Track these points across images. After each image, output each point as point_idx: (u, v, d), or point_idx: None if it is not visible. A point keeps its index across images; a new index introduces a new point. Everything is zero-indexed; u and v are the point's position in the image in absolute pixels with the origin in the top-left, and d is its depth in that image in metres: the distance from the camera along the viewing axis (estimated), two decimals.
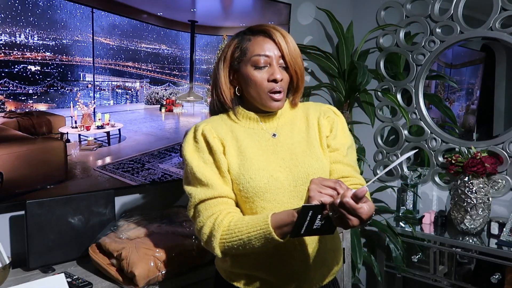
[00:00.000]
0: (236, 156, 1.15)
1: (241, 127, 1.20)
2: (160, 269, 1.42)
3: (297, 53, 1.15)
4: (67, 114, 1.64)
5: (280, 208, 1.12)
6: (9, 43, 1.46)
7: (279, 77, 1.12)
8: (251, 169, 1.13)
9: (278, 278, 1.16)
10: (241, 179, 1.13)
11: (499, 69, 2.56)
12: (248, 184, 1.12)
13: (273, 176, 1.13)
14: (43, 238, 1.51)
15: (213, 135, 1.16)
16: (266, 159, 1.16)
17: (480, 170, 2.11)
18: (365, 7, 2.75)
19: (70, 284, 1.33)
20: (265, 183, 1.12)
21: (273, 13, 2.25)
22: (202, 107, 2.06)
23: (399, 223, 2.43)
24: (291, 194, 1.14)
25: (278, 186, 1.13)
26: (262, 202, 1.13)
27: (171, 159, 1.95)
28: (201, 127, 1.17)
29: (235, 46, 1.19)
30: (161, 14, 1.84)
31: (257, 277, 1.17)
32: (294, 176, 1.14)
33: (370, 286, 2.79)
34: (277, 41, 1.13)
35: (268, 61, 1.13)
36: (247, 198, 1.14)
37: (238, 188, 1.14)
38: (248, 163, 1.14)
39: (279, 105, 1.16)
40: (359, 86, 2.18)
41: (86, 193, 1.64)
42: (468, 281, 2.14)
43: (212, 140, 1.15)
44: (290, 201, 1.14)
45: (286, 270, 1.16)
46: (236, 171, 1.14)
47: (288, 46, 1.13)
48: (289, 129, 1.21)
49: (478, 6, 2.32)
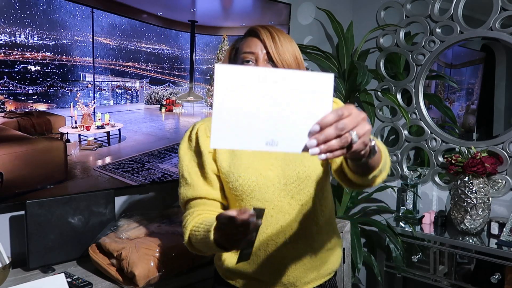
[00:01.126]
0: (228, 155, 1.18)
1: None
2: (160, 269, 1.42)
3: (285, 50, 1.15)
4: (67, 114, 1.64)
5: (270, 206, 1.14)
6: (9, 43, 1.46)
7: None
8: (240, 168, 1.15)
9: (270, 277, 1.17)
10: (230, 177, 1.15)
11: (499, 69, 2.56)
12: (237, 182, 1.14)
13: (262, 174, 1.15)
14: (43, 238, 1.51)
15: (207, 134, 1.19)
16: (257, 158, 1.17)
17: (480, 170, 2.11)
18: (365, 7, 2.75)
19: (70, 284, 1.33)
20: (254, 181, 1.14)
21: (273, 13, 2.25)
22: (202, 107, 2.06)
23: (399, 223, 2.43)
24: (281, 193, 1.15)
25: (268, 185, 1.14)
26: (251, 200, 1.15)
27: (171, 159, 1.95)
28: (197, 126, 1.21)
29: (232, 48, 1.23)
30: (161, 14, 1.84)
31: (250, 276, 1.19)
32: (285, 175, 1.15)
33: (370, 286, 2.79)
34: (262, 38, 1.14)
35: (254, 57, 1.15)
36: (236, 196, 1.16)
37: (228, 187, 1.17)
38: (238, 162, 1.16)
39: None
40: (359, 86, 2.18)
41: (86, 193, 1.64)
42: (468, 281, 2.14)
43: (203, 140, 1.18)
44: (280, 200, 1.15)
45: (279, 269, 1.17)
46: (226, 169, 1.16)
47: (274, 43, 1.14)
48: None
49: (478, 6, 2.32)
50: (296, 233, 1.16)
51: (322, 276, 1.22)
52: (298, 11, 2.50)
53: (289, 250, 1.16)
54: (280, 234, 1.15)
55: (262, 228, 1.15)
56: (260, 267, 1.17)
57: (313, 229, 1.18)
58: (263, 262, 1.16)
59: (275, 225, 1.15)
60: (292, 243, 1.16)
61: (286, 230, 1.15)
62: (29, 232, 1.48)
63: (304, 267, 1.18)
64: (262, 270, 1.17)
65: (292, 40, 1.19)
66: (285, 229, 1.15)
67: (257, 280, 1.19)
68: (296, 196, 1.15)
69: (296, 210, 1.16)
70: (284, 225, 1.15)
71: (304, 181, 1.15)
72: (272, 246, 1.15)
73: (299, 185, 1.15)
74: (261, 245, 1.16)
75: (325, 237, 1.22)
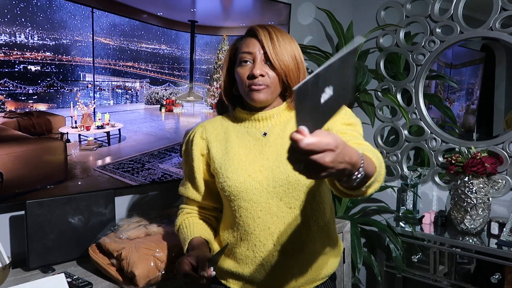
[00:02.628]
0: (221, 156, 1.21)
1: (235, 126, 1.25)
2: (160, 269, 1.42)
3: (284, 50, 1.15)
4: (67, 114, 1.64)
5: (257, 208, 1.15)
6: (9, 43, 1.46)
7: (257, 73, 1.13)
8: (230, 169, 1.17)
9: (258, 278, 1.18)
10: (220, 177, 1.19)
11: (499, 69, 2.56)
12: (225, 182, 1.18)
13: (251, 176, 1.16)
14: (43, 238, 1.51)
15: (203, 136, 1.25)
16: (249, 159, 1.18)
17: (480, 170, 2.11)
18: (365, 7, 2.75)
19: (70, 284, 1.33)
20: (241, 182, 1.15)
21: (273, 13, 2.25)
22: (202, 107, 2.06)
23: (399, 223, 2.43)
24: (270, 195, 1.15)
25: (255, 186, 1.15)
26: (239, 201, 1.17)
27: (171, 159, 1.95)
28: (196, 128, 1.28)
29: (232, 47, 1.24)
30: (161, 14, 1.84)
31: (240, 276, 1.20)
32: (275, 177, 1.15)
33: (370, 286, 2.79)
34: (260, 38, 1.15)
35: (251, 57, 1.15)
36: (225, 196, 1.20)
37: (218, 187, 1.21)
38: (228, 163, 1.18)
39: (259, 98, 1.16)
40: (359, 86, 2.18)
41: (86, 193, 1.64)
42: (468, 281, 2.14)
43: (197, 142, 1.25)
44: (268, 202, 1.15)
45: (266, 271, 1.17)
46: (218, 170, 1.20)
47: (272, 43, 1.14)
48: (281, 129, 1.21)
49: (478, 6, 2.32)
50: (284, 236, 1.16)
51: (313, 281, 1.21)
52: (298, 11, 2.50)
53: (277, 252, 1.16)
54: (268, 236, 1.16)
55: (250, 229, 1.16)
56: (248, 267, 1.18)
57: (303, 234, 1.17)
58: (250, 262, 1.18)
59: (263, 227, 1.16)
60: (279, 245, 1.16)
61: (274, 232, 1.15)
62: (29, 232, 1.48)
63: (292, 270, 1.17)
64: (250, 270, 1.18)
65: (292, 40, 1.19)
66: (273, 231, 1.15)
67: (245, 280, 1.20)
68: (284, 199, 1.15)
69: (285, 213, 1.16)
70: (272, 227, 1.16)
71: (294, 185, 1.14)
72: (259, 247, 1.16)
73: (288, 188, 1.14)
74: (249, 246, 1.17)
75: (317, 243, 1.20)
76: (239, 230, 1.19)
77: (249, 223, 1.16)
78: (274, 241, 1.16)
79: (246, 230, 1.17)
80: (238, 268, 1.20)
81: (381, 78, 2.63)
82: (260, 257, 1.16)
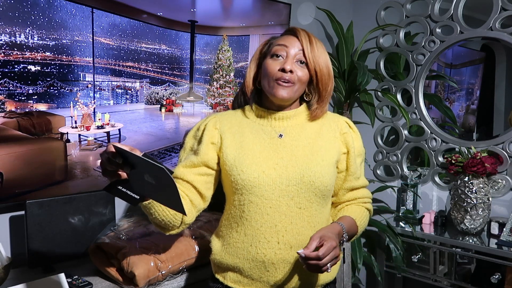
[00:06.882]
0: (234, 149, 1.20)
1: (250, 122, 1.25)
2: (160, 269, 1.42)
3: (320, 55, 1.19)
4: (67, 114, 1.64)
5: (268, 205, 1.15)
6: (9, 43, 1.46)
7: (288, 68, 1.15)
8: (244, 163, 1.17)
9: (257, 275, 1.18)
10: (233, 170, 1.18)
11: (499, 69, 2.56)
12: (239, 176, 1.17)
13: (265, 172, 1.16)
14: (43, 238, 1.51)
15: (216, 126, 1.24)
16: (263, 156, 1.18)
17: (480, 170, 2.11)
18: (365, 7, 2.75)
19: (70, 284, 1.33)
20: (255, 177, 1.16)
21: (273, 13, 2.25)
22: (202, 107, 2.06)
23: (399, 223, 2.43)
24: (282, 193, 1.16)
25: (269, 183, 1.15)
26: (250, 196, 1.16)
27: (171, 159, 1.95)
28: (209, 118, 1.26)
29: (265, 44, 1.26)
30: (161, 14, 1.84)
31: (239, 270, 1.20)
32: (288, 176, 1.16)
33: (370, 286, 2.79)
34: (299, 37, 1.19)
35: (285, 52, 1.18)
36: (236, 189, 1.18)
37: (230, 179, 1.19)
38: (243, 157, 1.18)
39: (282, 94, 1.17)
40: (359, 86, 2.18)
41: (86, 193, 1.64)
42: (468, 281, 2.13)
43: (210, 130, 1.23)
44: (279, 200, 1.16)
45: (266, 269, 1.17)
46: (231, 163, 1.19)
47: (310, 44, 1.18)
48: (297, 132, 1.22)
49: (478, 6, 2.32)
50: (290, 236, 1.16)
51: (312, 285, 1.22)
52: (298, 11, 2.50)
53: (280, 251, 1.16)
54: (274, 233, 1.16)
55: (257, 225, 1.16)
56: (249, 263, 1.18)
57: (308, 235, 1.16)
58: (252, 258, 1.17)
59: (270, 224, 1.16)
60: (284, 245, 1.16)
61: (280, 230, 1.16)
62: (29, 232, 1.48)
63: (292, 272, 1.17)
64: (251, 266, 1.18)
65: (326, 50, 1.23)
66: (279, 229, 1.16)
67: (243, 275, 1.20)
68: (295, 199, 1.16)
69: (294, 213, 1.16)
70: (278, 225, 1.16)
71: (307, 185, 1.15)
72: (263, 243, 1.16)
73: (301, 188, 1.15)
74: (252, 241, 1.17)
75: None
76: (244, 224, 1.18)
77: (257, 218, 1.16)
78: (279, 239, 1.16)
79: (252, 225, 1.17)
80: (238, 264, 1.19)
81: (381, 78, 2.63)
82: (262, 253, 1.16)
